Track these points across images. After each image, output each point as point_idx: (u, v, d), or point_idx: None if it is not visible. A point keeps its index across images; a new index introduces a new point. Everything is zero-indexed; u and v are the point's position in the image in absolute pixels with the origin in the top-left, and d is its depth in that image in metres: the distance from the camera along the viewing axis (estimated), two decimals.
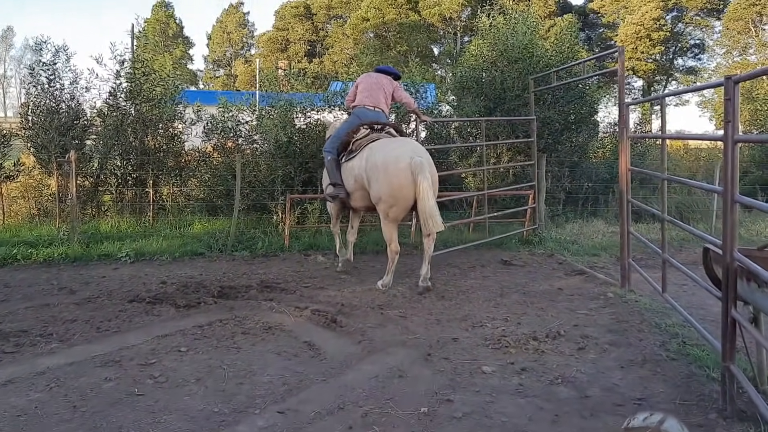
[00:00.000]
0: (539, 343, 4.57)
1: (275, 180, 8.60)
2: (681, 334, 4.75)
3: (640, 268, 7.48)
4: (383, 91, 6.85)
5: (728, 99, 3.25)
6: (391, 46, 43.91)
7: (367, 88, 6.89)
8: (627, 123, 6.07)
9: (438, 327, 5.05)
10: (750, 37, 41.62)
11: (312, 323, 5.12)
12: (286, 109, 8.67)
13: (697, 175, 12.14)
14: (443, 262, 7.74)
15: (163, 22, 61.02)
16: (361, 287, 6.37)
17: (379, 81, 6.90)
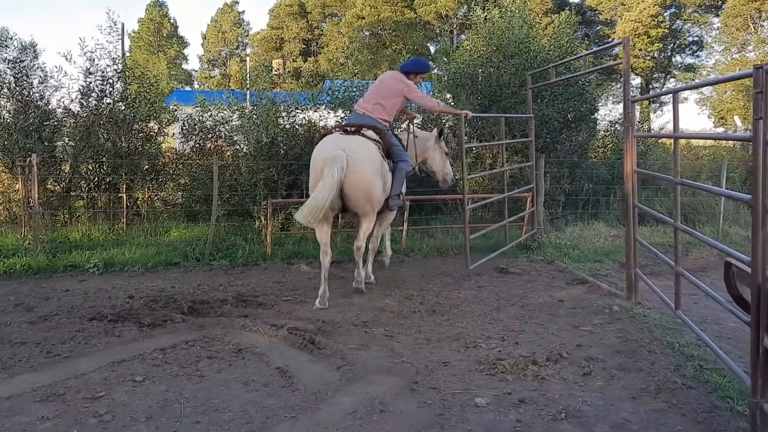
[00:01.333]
0: (539, 368, 4.08)
1: (257, 183, 8.10)
2: (696, 355, 4.26)
3: (646, 274, 7.03)
4: (383, 94, 6.22)
5: (759, 92, 2.77)
6: (386, 44, 43.40)
7: (369, 90, 6.54)
8: (633, 121, 5.59)
9: (427, 348, 4.56)
10: (749, 34, 41.15)
11: (288, 344, 4.62)
12: (269, 108, 8.16)
13: (701, 176, 11.68)
14: (436, 270, 7.27)
15: (157, 22, 60.49)
16: (345, 300, 5.88)
17: (383, 83, 6.30)
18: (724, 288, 4.45)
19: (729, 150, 13.38)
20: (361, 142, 5.92)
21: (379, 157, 5.86)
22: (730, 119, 34.96)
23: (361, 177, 5.64)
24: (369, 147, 5.88)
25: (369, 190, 5.72)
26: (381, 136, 6.11)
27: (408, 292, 6.15)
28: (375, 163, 5.78)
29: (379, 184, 5.79)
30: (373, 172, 5.71)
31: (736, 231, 9.76)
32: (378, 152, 5.89)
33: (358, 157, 5.66)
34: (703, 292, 4.00)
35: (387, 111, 6.19)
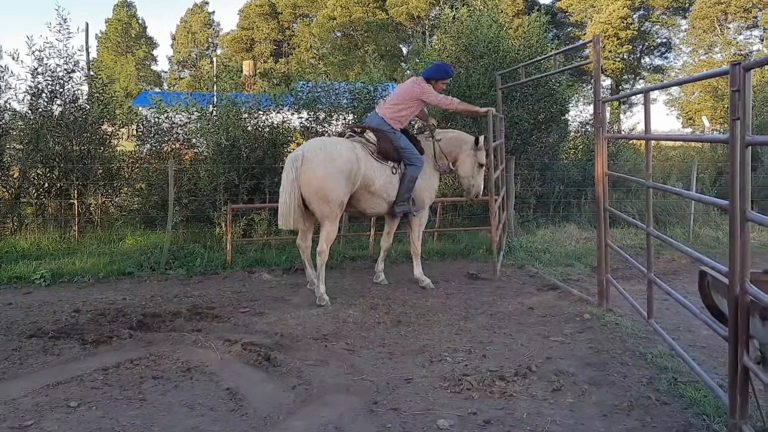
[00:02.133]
0: (507, 384, 3.85)
1: (217, 188, 7.77)
2: (670, 367, 4.07)
3: (618, 278, 6.87)
4: (400, 97, 6.30)
5: (736, 90, 2.56)
6: (358, 45, 43.12)
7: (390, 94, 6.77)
8: (604, 121, 5.40)
9: (390, 363, 4.30)
10: (715, 36, 41.78)
11: (241, 361, 4.32)
12: (229, 110, 7.83)
13: (671, 177, 11.60)
14: (404, 276, 7.02)
15: (125, 23, 59.48)
16: (307, 311, 5.59)
17: (402, 87, 6.45)
18: (698, 294, 4.29)
19: (698, 150, 13.36)
20: (330, 142, 5.99)
21: (347, 159, 5.76)
22: (699, 120, 35.37)
23: (311, 176, 5.65)
24: (335, 147, 5.82)
25: (321, 190, 5.67)
26: (378, 138, 6.15)
27: (373, 301, 5.89)
28: (334, 163, 5.68)
29: (335, 185, 5.68)
30: (327, 172, 5.64)
31: (706, 232, 9.68)
32: (351, 153, 5.82)
33: (311, 157, 5.69)
34: (677, 301, 3.80)
35: (400, 114, 6.24)
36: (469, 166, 6.66)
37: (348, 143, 6.03)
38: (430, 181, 6.58)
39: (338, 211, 5.85)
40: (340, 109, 8.78)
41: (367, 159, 6.01)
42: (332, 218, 5.83)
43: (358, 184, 5.92)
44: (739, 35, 41.76)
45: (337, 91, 8.83)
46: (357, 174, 5.85)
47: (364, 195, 6.06)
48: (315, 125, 8.68)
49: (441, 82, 6.38)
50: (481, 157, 6.63)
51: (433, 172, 6.63)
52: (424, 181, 6.44)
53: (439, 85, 6.37)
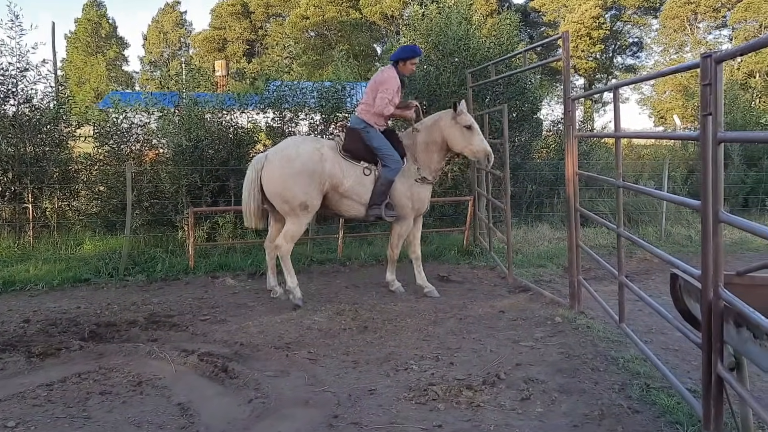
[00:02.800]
0: (474, 393, 3.69)
1: (179, 190, 7.50)
2: (642, 372, 3.95)
3: (590, 279, 6.75)
4: (366, 93, 6.06)
5: (707, 84, 2.42)
6: (332, 45, 42.78)
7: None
8: (574, 120, 5.27)
9: (354, 373, 4.11)
10: (686, 35, 42.26)
11: (197, 373, 4.10)
12: (191, 110, 7.57)
13: (642, 175, 11.58)
14: (373, 280, 6.83)
15: (95, 22, 58.39)
16: (270, 318, 5.37)
17: (370, 81, 6.11)
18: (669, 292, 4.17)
19: (670, 149, 13.39)
20: (294, 142, 5.96)
21: (308, 158, 5.66)
22: (670, 118, 35.73)
23: (269, 175, 5.66)
24: (297, 147, 5.76)
25: (278, 190, 5.63)
26: (346, 136, 5.98)
27: (340, 307, 5.69)
28: (293, 163, 5.62)
29: (293, 185, 5.59)
30: (285, 173, 5.60)
31: (678, 231, 9.65)
32: (314, 153, 5.71)
33: (272, 157, 5.71)
34: (649, 306, 3.66)
35: (370, 109, 5.92)
36: (460, 137, 5.92)
37: (314, 143, 5.88)
38: (413, 187, 6.03)
39: (300, 211, 5.68)
40: (308, 108, 8.54)
41: (335, 159, 5.82)
42: (293, 217, 5.70)
43: (327, 185, 5.74)
44: (709, 35, 42.26)
45: (304, 90, 8.60)
46: (322, 174, 5.68)
47: (334, 196, 5.87)
48: (281, 125, 8.44)
49: (409, 62, 5.99)
50: (463, 120, 5.89)
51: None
52: (405, 187, 5.99)
53: (408, 66, 5.99)
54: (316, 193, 5.70)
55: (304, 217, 5.75)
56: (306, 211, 5.72)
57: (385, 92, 5.83)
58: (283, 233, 5.77)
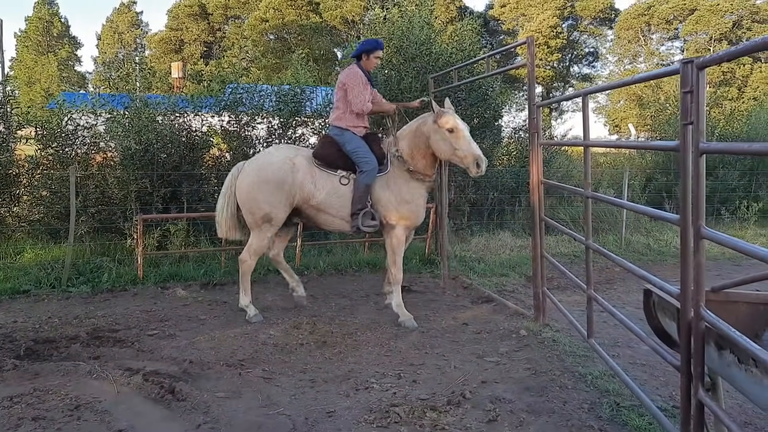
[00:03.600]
0: (438, 415, 3.49)
1: (128, 196, 7.13)
2: (612, 389, 3.81)
3: (554, 288, 6.66)
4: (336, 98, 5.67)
5: (689, 91, 2.27)
6: (292, 48, 42.33)
7: None
8: (539, 127, 5.14)
9: (311, 393, 3.87)
10: (639, 46, 43.29)
11: (141, 395, 3.79)
12: (141, 112, 7.21)
13: (602, 183, 11.62)
14: (332, 291, 6.60)
15: (46, 21, 56.68)
16: (222, 332, 5.08)
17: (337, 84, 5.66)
18: (635, 304, 4.06)
19: (628, 157, 13.52)
20: (269, 151, 5.74)
21: (277, 168, 5.35)
22: (625, 127, 36.46)
23: (239, 187, 5.47)
24: (269, 156, 5.53)
25: (246, 201, 5.42)
26: (320, 143, 5.68)
27: (297, 320, 5.43)
28: (260, 173, 5.38)
29: (258, 196, 5.33)
30: (252, 182, 5.38)
31: (637, 239, 9.68)
32: (285, 163, 5.38)
33: (246, 166, 5.55)
34: (621, 323, 3.52)
35: (344, 114, 5.53)
36: (442, 142, 5.27)
37: (287, 152, 5.55)
38: (401, 194, 5.42)
39: (263, 224, 5.38)
40: (265, 112, 8.25)
41: (308, 169, 5.41)
42: (256, 230, 5.44)
43: (297, 197, 5.38)
44: (662, 46, 43.43)
45: (262, 93, 8.31)
46: (292, 185, 5.33)
47: (308, 210, 5.47)
48: (237, 129, 8.13)
49: (372, 56, 5.57)
50: (444, 123, 5.23)
51: (407, 185, 5.45)
52: (391, 194, 5.39)
53: (372, 60, 5.58)
54: (281, 205, 5.34)
55: (267, 230, 5.42)
56: (269, 224, 5.39)
57: (354, 88, 5.41)
58: (247, 247, 5.53)
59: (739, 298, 2.85)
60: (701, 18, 38.18)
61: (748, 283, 2.50)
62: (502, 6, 44.42)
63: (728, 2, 38.06)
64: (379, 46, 5.63)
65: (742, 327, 2.67)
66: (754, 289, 4.65)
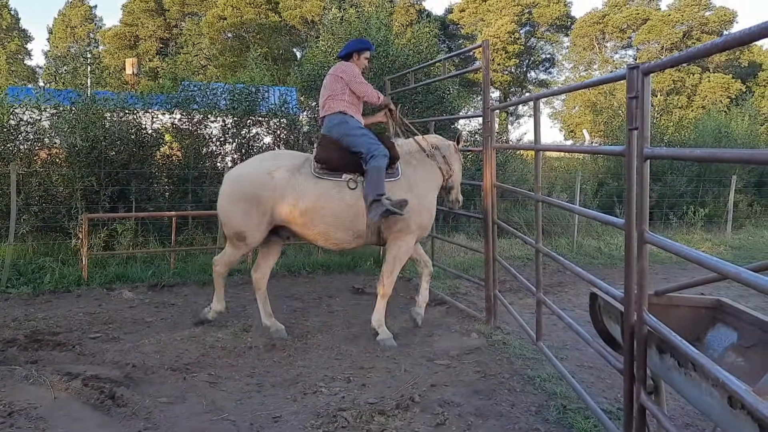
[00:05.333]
0: (387, 419, 3.45)
1: (73, 194, 6.90)
2: (559, 392, 3.83)
3: (506, 291, 6.71)
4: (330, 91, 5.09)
5: (634, 97, 2.29)
6: (250, 47, 41.87)
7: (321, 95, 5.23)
8: (492, 130, 5.16)
9: (257, 397, 3.79)
10: (594, 53, 44.22)
11: (80, 401, 3.65)
12: (87, 108, 6.98)
13: (555, 187, 11.80)
14: (284, 293, 6.51)
15: None
16: (169, 335, 4.95)
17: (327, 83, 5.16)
18: (585, 307, 4.10)
19: (580, 161, 13.76)
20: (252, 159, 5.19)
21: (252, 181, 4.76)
22: (580, 133, 37.20)
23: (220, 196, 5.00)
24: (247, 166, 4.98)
25: (219, 212, 5.02)
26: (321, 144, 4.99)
27: (247, 322, 5.33)
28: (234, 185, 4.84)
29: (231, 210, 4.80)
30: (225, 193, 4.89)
31: (589, 243, 9.84)
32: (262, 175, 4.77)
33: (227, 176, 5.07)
34: (569, 326, 3.55)
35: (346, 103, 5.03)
36: (458, 172, 5.55)
37: (270, 161, 4.92)
38: (426, 201, 5.09)
39: (237, 241, 4.87)
40: (218, 110, 8.10)
41: (293, 181, 4.77)
42: (231, 246, 4.99)
43: (279, 216, 4.77)
44: (616, 54, 44.43)
45: (215, 91, 8.16)
46: (268, 201, 4.73)
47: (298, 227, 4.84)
48: (189, 126, 7.96)
49: (363, 56, 5.24)
50: (459, 157, 5.57)
51: (433, 194, 5.22)
52: (415, 199, 4.92)
53: (362, 61, 5.24)
54: (256, 224, 4.76)
55: (241, 248, 4.94)
56: (243, 242, 4.85)
57: (360, 83, 5.03)
58: (221, 254, 5.17)
59: (681, 302, 2.90)
60: (653, 28, 39.22)
61: (691, 287, 2.55)
62: (461, 11, 44.83)
63: (679, 13, 39.22)
64: (369, 47, 5.31)
65: (684, 330, 2.71)
66: (698, 292, 4.77)
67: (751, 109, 16.38)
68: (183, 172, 7.97)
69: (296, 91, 10.73)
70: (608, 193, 11.69)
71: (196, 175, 7.99)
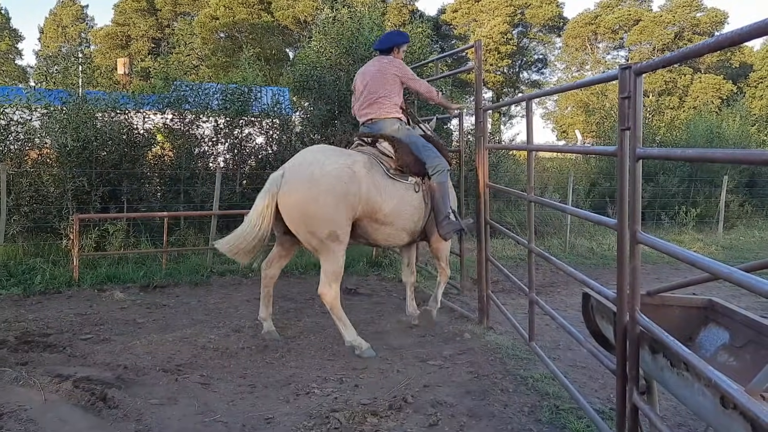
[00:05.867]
0: (379, 420, 3.44)
1: (64, 194, 6.86)
2: (551, 392, 3.83)
3: (499, 291, 6.72)
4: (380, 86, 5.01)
5: (626, 97, 2.29)
6: (243, 47, 41.75)
7: (359, 95, 5.12)
8: (485, 131, 5.16)
9: (250, 398, 3.77)
10: (586, 54, 44.38)
11: (71, 403, 3.62)
12: (78, 108, 6.95)
13: (548, 188, 11.82)
14: (277, 293, 6.43)
15: None
16: (160, 336, 4.92)
17: (372, 76, 5.04)
18: (577, 307, 4.11)
19: (573, 162, 13.80)
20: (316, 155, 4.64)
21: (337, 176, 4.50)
22: (572, 133, 37.33)
23: (287, 204, 4.48)
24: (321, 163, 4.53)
25: (299, 221, 4.49)
26: (396, 148, 4.86)
27: (239, 323, 5.32)
28: (316, 186, 4.45)
29: (323, 211, 4.42)
30: (312, 196, 4.42)
31: (581, 243, 9.86)
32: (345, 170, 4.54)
33: (289, 176, 4.52)
34: (561, 327, 3.55)
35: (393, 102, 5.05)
36: None
37: (342, 157, 4.69)
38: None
39: (332, 244, 4.54)
40: (211, 110, 8.08)
41: (372, 178, 4.71)
42: (325, 253, 4.57)
43: (360, 211, 4.66)
44: (608, 54, 44.61)
45: (207, 91, 8.13)
46: (355, 196, 4.58)
47: (371, 224, 4.79)
48: (181, 127, 7.93)
49: (401, 50, 5.20)
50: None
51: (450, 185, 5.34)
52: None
53: (401, 53, 5.20)
54: (345, 221, 4.55)
55: (338, 250, 4.59)
56: (338, 242, 4.56)
57: (415, 79, 5.11)
58: (323, 276, 4.65)
59: (673, 302, 2.90)
60: (645, 28, 39.39)
61: (683, 287, 2.55)
62: (454, 11, 44.89)
63: (670, 14, 39.43)
64: (408, 40, 5.36)
65: (676, 330, 2.72)
66: (690, 292, 4.79)
67: (742, 109, 16.46)
68: (175, 173, 7.94)
69: (289, 91, 10.73)
70: (600, 194, 11.73)
71: (188, 176, 7.96)
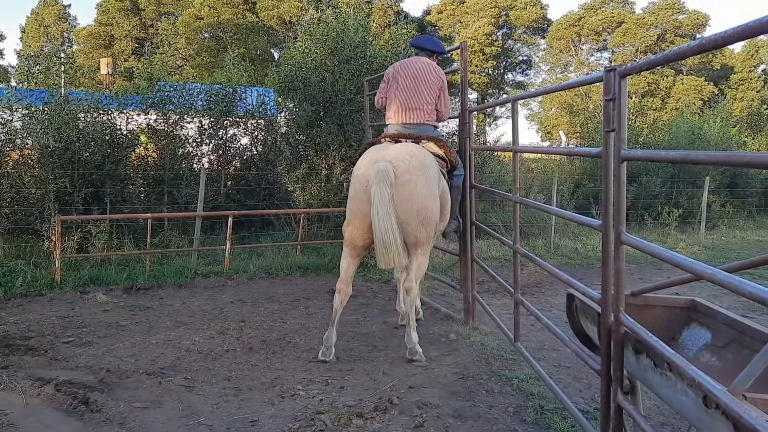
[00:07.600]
0: (365, 422, 3.43)
1: (46, 195, 6.78)
2: (536, 393, 3.84)
3: (484, 291, 6.73)
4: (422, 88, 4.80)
5: (611, 99, 2.30)
6: (227, 47, 41.54)
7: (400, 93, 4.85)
8: (470, 132, 5.17)
9: (235, 401, 3.75)
10: (570, 56, 44.69)
11: (52, 407, 3.58)
12: (60, 108, 6.87)
13: (532, 189, 11.87)
14: (262, 295, 6.46)
15: None
16: (144, 339, 4.88)
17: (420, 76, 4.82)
18: (562, 307, 4.13)
19: (557, 163, 13.88)
20: (411, 148, 4.51)
21: (434, 168, 4.50)
22: (556, 134, 37.55)
23: (406, 200, 4.28)
24: (422, 153, 4.48)
25: (416, 214, 4.32)
26: (445, 150, 4.75)
27: (224, 325, 5.28)
28: (430, 172, 4.42)
29: (435, 204, 4.43)
30: (428, 187, 4.38)
31: (565, 243, 9.92)
32: (433, 162, 4.55)
33: (406, 167, 4.31)
34: (546, 327, 3.56)
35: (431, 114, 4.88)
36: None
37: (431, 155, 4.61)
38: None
39: (434, 237, 4.58)
40: (195, 111, 8.02)
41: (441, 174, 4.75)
42: (426, 246, 4.49)
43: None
44: (591, 56, 44.94)
45: (192, 91, 8.08)
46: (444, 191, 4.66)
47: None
48: (165, 127, 7.87)
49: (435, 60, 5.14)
50: None
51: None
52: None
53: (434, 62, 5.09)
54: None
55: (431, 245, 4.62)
56: (435, 236, 4.65)
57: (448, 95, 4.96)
58: (416, 268, 4.49)
59: (657, 302, 2.92)
60: (628, 30, 39.73)
61: (667, 287, 2.57)
62: (439, 12, 45.02)
63: (653, 17, 39.80)
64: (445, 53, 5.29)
65: (660, 330, 2.74)
66: (673, 292, 4.83)
67: (723, 111, 16.66)
68: (159, 174, 7.89)
69: (274, 91, 10.69)
70: (585, 194, 11.81)
71: (172, 177, 7.91)
